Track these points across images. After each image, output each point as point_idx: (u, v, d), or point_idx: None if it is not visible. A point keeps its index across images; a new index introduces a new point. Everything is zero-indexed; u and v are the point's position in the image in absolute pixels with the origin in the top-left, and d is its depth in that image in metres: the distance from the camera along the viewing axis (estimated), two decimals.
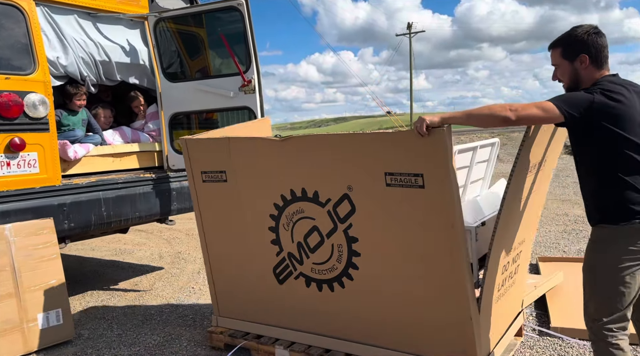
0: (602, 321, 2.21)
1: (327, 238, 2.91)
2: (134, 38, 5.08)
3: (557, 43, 2.36)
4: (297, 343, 3.15)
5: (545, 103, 2.15)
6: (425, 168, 2.45)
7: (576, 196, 8.94)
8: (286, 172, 2.96)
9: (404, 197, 2.55)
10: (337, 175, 2.76)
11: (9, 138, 3.70)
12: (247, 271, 3.31)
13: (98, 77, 4.76)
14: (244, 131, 3.63)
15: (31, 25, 3.89)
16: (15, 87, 3.74)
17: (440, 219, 2.48)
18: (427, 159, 2.43)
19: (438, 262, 2.55)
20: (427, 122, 2.33)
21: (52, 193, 3.95)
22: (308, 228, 2.97)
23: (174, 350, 3.52)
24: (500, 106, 2.21)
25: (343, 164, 2.72)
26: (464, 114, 2.30)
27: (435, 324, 2.64)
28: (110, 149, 4.74)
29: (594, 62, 2.27)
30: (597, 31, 2.29)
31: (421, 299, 2.66)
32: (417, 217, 2.56)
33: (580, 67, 2.29)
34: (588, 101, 2.11)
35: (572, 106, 2.12)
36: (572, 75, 2.32)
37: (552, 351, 3.18)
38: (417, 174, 2.48)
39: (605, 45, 2.29)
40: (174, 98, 4.93)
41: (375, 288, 2.81)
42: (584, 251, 5.25)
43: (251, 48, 4.58)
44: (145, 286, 5.11)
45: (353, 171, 2.70)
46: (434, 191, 2.46)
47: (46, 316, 3.62)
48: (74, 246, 6.98)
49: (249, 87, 4.63)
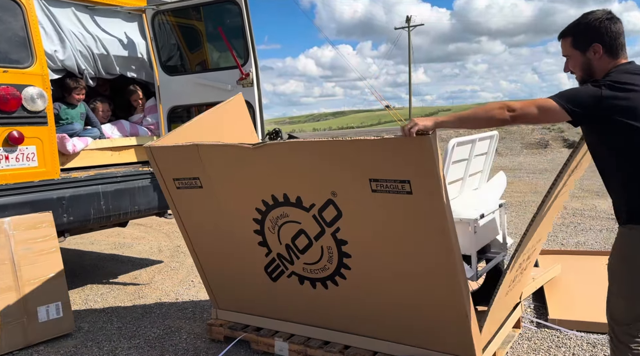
0: (625, 325, 2.08)
1: (315, 241, 2.80)
2: (131, 31, 5.07)
3: (567, 32, 2.17)
4: (296, 335, 3.17)
5: (545, 101, 1.99)
6: (411, 175, 2.32)
7: (574, 189, 8.96)
8: (264, 179, 2.79)
9: (391, 203, 2.43)
10: (318, 181, 2.61)
11: (8, 132, 3.70)
12: (239, 269, 3.26)
13: (96, 70, 4.75)
14: (216, 119, 3.44)
15: (29, 18, 3.87)
16: (13, 81, 3.73)
17: (430, 224, 2.40)
18: (414, 165, 2.29)
19: (430, 263, 2.49)
20: (419, 128, 2.16)
21: (51, 186, 3.94)
22: (295, 231, 2.85)
23: (173, 342, 3.53)
24: (498, 105, 2.04)
25: (324, 170, 2.56)
26: (459, 116, 2.14)
27: (431, 320, 2.64)
28: (109, 143, 4.74)
29: (609, 51, 2.07)
30: (611, 17, 2.08)
31: (416, 297, 2.63)
32: (406, 222, 2.46)
33: (593, 57, 2.09)
34: (594, 96, 1.93)
35: (575, 103, 1.94)
36: (584, 66, 2.13)
37: (550, 343, 3.20)
38: (403, 180, 2.35)
39: (620, 32, 2.07)
40: (172, 91, 4.92)
41: (369, 286, 2.76)
42: (581, 244, 5.24)
43: (249, 41, 4.57)
44: (144, 279, 5.12)
45: (336, 177, 2.54)
46: (422, 197, 2.34)
47: (46, 309, 3.63)
48: (73, 239, 6.99)
49: (247, 81, 4.62)
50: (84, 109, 4.75)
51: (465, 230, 2.94)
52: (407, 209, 2.41)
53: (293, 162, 2.65)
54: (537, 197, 8.42)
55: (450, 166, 2.98)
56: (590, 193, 8.45)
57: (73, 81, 4.59)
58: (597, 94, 1.93)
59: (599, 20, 2.07)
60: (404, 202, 2.40)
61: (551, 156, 15.16)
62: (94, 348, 3.50)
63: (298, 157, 2.62)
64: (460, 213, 3.03)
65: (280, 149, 2.66)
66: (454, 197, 3.26)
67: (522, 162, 14.28)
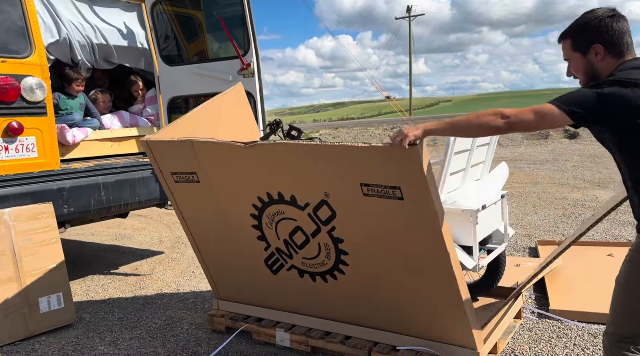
0: (625, 340, 1.91)
1: (312, 237, 2.79)
2: (130, 21, 5.03)
3: (566, 34, 2.02)
4: (297, 326, 3.17)
5: (543, 106, 1.85)
6: (402, 182, 2.29)
7: (575, 180, 8.95)
8: (257, 176, 2.77)
9: (383, 207, 2.42)
10: (311, 182, 2.59)
11: (7, 122, 3.68)
12: (239, 262, 3.26)
13: (94, 60, 4.72)
14: (215, 109, 3.41)
15: (27, 8, 3.83)
16: (12, 71, 3.70)
17: (422, 226, 2.38)
18: (404, 173, 2.26)
19: (425, 263, 2.49)
20: (410, 139, 2.09)
21: (51, 177, 3.93)
22: (291, 227, 2.83)
23: (175, 333, 3.54)
24: (491, 112, 1.91)
25: (317, 172, 2.54)
26: (450, 123, 2.03)
27: (431, 315, 2.64)
28: (109, 134, 4.72)
29: (612, 52, 1.90)
30: (613, 14, 1.91)
31: (414, 295, 2.63)
32: (398, 225, 2.45)
33: (595, 59, 1.93)
34: (594, 96, 1.79)
35: (575, 104, 1.80)
36: (587, 70, 1.97)
37: (551, 333, 3.20)
38: (394, 187, 2.32)
39: (624, 31, 1.91)
40: (172, 82, 4.90)
41: (367, 282, 2.76)
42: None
43: (250, 31, 4.53)
44: (145, 270, 5.12)
45: (328, 179, 2.52)
46: (413, 202, 2.32)
47: (47, 300, 3.63)
48: (73, 230, 6.99)
49: (248, 71, 4.59)
50: (83, 100, 4.73)
51: (467, 221, 2.94)
52: (399, 214, 2.40)
53: (285, 163, 2.62)
54: (538, 188, 8.42)
55: (453, 157, 2.97)
56: (592, 184, 8.44)
57: (73, 72, 4.57)
58: (598, 92, 1.79)
59: (599, 18, 1.91)
60: (396, 207, 2.38)
61: (552, 147, 15.13)
62: (96, 339, 3.51)
63: (289, 158, 2.58)
64: (462, 204, 3.02)
65: (271, 150, 2.61)
66: (456, 188, 3.25)
67: (522, 153, 14.26)
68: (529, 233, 5.64)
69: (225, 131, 3.50)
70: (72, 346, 3.42)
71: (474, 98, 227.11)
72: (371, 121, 33.27)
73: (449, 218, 2.98)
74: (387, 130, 20.00)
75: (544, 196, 7.64)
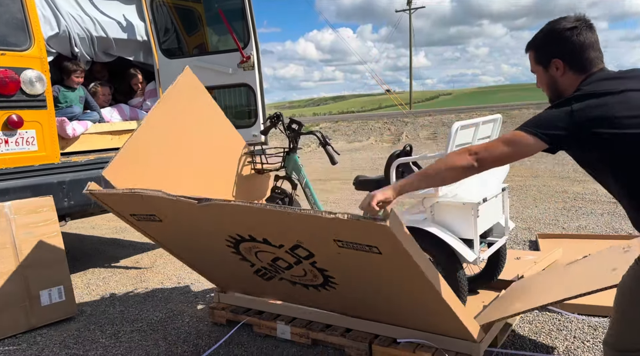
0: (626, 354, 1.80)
1: (295, 265, 2.62)
2: (130, 13, 5.01)
3: (529, 45, 1.90)
4: (298, 318, 3.18)
5: (513, 135, 1.72)
6: (379, 243, 2.07)
7: (575, 173, 8.94)
8: (222, 224, 2.50)
9: (361, 258, 2.23)
10: (281, 233, 2.35)
11: (7, 115, 3.67)
12: (229, 274, 3.17)
13: (93, 53, 4.70)
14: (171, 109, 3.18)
15: (26, 1, 3.81)
16: (11, 64, 3.69)
17: (404, 274, 2.25)
18: (379, 240, 2.05)
19: (412, 294, 2.41)
20: (379, 199, 1.96)
21: (51, 170, 3.93)
22: (271, 257, 2.64)
23: (176, 326, 3.55)
24: (458, 152, 1.81)
25: (285, 228, 2.29)
26: (419, 176, 1.93)
27: (427, 317, 2.61)
28: (109, 127, 4.71)
29: (573, 67, 1.77)
30: (574, 26, 1.76)
31: (408, 295, 2.53)
32: (379, 269, 2.30)
33: (556, 74, 1.81)
34: (564, 115, 1.65)
35: (546, 126, 1.67)
36: (550, 84, 1.85)
37: (551, 326, 3.21)
38: (370, 245, 2.11)
39: (588, 44, 1.75)
40: (172, 75, 4.87)
41: (359, 294, 2.68)
42: (583, 228, 5.24)
43: (250, 23, 4.52)
44: (146, 263, 5.13)
45: (299, 231, 2.28)
46: (392, 258, 2.14)
47: (48, 292, 3.64)
48: (74, 224, 7.00)
49: (248, 64, 4.58)
50: (83, 93, 4.72)
51: (468, 214, 2.94)
52: (380, 263, 2.23)
53: (249, 219, 2.35)
54: (538, 181, 8.42)
55: (454, 150, 2.96)
56: (592, 178, 8.43)
57: (73, 64, 4.56)
58: (567, 110, 1.64)
59: (558, 31, 1.78)
60: (375, 258, 2.20)
61: None
62: (97, 332, 3.52)
63: (253, 217, 2.29)
64: (463, 197, 3.02)
65: (231, 210, 2.27)
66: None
67: None
68: (529, 226, 5.65)
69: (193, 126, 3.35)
70: (74, 339, 3.43)
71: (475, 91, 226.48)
72: (371, 115, 33.23)
73: (450, 211, 2.99)
74: (387, 123, 19.93)
75: (545, 190, 7.64)
